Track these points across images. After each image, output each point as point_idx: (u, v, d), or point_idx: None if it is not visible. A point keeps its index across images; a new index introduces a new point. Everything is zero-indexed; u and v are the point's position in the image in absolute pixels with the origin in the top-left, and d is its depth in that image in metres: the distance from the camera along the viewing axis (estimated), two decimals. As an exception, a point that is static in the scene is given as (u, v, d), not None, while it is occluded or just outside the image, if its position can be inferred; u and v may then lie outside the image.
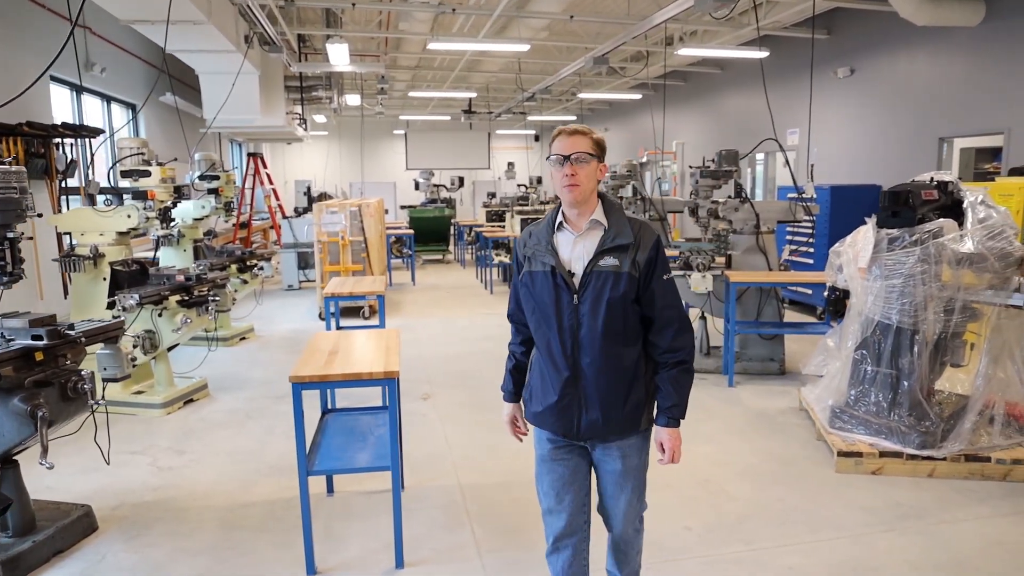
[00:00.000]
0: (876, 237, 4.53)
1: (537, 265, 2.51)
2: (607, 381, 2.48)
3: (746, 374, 6.81)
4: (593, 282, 2.43)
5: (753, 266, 6.84)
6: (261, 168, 14.89)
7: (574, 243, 2.50)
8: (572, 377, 2.49)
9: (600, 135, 2.52)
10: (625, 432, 2.56)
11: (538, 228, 2.59)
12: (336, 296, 6.04)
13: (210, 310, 6.19)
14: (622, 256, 2.44)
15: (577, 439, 2.59)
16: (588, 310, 2.44)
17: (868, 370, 4.68)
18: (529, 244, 2.56)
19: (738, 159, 6.84)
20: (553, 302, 2.47)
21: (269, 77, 11.24)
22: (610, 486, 2.63)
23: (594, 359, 2.46)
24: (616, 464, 2.59)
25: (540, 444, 2.68)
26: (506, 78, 15.29)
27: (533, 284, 2.52)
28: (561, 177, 2.43)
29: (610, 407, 2.49)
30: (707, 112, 14.82)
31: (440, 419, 5.80)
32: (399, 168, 24.15)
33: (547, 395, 2.55)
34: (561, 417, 2.53)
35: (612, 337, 2.45)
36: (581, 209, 2.49)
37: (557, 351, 2.49)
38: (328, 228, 10.14)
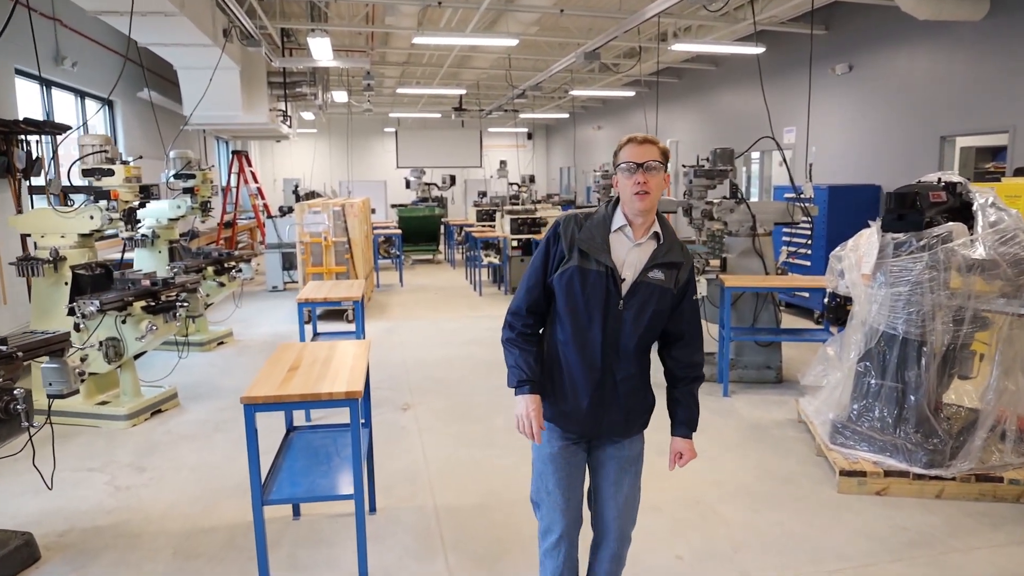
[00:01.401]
0: (881, 242, 4.24)
1: (592, 263, 2.46)
2: (633, 386, 2.58)
3: (741, 382, 6.52)
4: (641, 292, 2.46)
5: (749, 269, 6.55)
6: (246, 166, 14.56)
7: (630, 249, 2.50)
8: (604, 379, 2.52)
9: (666, 145, 2.52)
10: (637, 431, 2.69)
11: (591, 223, 2.53)
12: (310, 302, 5.73)
13: (178, 316, 5.88)
14: (669, 272, 2.49)
15: (593, 437, 2.64)
16: (632, 317, 2.47)
17: (872, 383, 4.39)
18: (580, 238, 2.49)
19: (733, 158, 6.55)
20: (601, 304, 2.46)
21: (251, 73, 10.91)
22: (613, 471, 2.66)
23: (626, 364, 2.53)
24: (621, 451, 2.65)
25: (550, 443, 2.65)
26: (497, 75, 14.97)
27: (584, 281, 2.47)
28: (632, 185, 2.42)
29: (632, 410, 2.60)
30: (702, 110, 14.53)
31: (419, 431, 5.50)
32: (390, 166, 23.82)
33: (576, 395, 2.55)
34: (588, 417, 2.56)
35: (644, 345, 2.56)
36: (646, 217, 2.49)
37: (595, 352, 2.50)
38: (310, 228, 9.84)
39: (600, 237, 2.49)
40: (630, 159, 2.43)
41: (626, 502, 2.69)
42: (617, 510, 2.69)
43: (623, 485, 2.67)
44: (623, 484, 2.67)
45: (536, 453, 2.71)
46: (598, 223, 2.52)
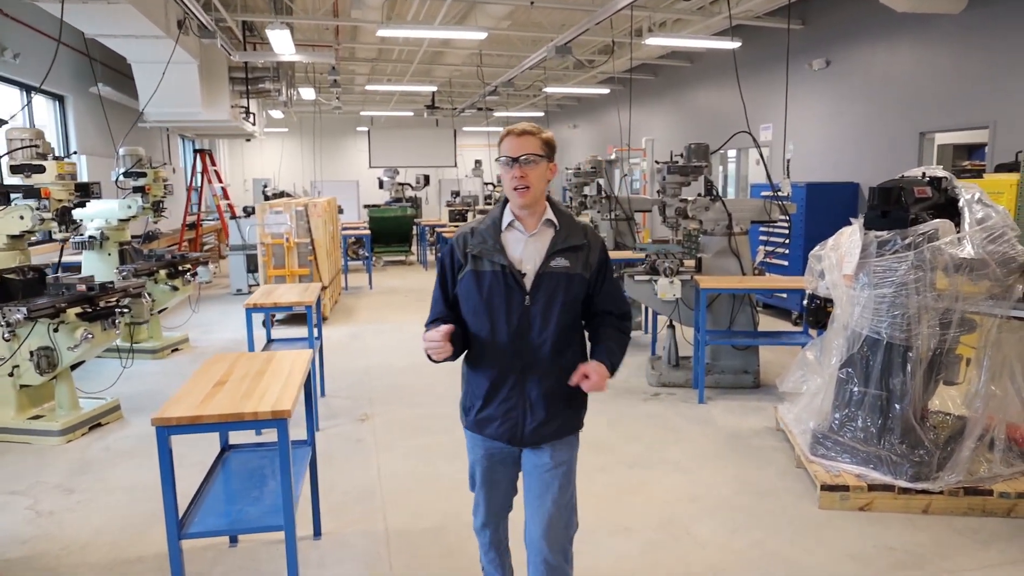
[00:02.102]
0: (863, 240, 3.97)
1: (485, 265, 2.41)
2: (554, 382, 2.46)
3: (718, 388, 6.24)
4: (546, 283, 2.40)
5: (725, 270, 6.28)
6: (209, 166, 14.09)
7: (525, 243, 2.45)
8: (519, 380, 2.45)
9: (549, 133, 2.46)
10: (566, 432, 2.55)
11: (482, 226, 2.49)
12: (260, 308, 5.36)
13: (117, 323, 5.48)
14: (574, 257, 2.43)
15: (520, 444, 2.52)
16: (540, 311, 2.40)
17: (855, 391, 4.12)
18: (472, 243, 2.46)
19: (708, 154, 6.28)
20: (504, 303, 2.40)
21: (211, 68, 10.48)
22: (536, 483, 2.54)
23: (542, 360, 2.43)
24: (544, 458, 2.52)
25: (473, 449, 2.63)
26: (470, 72, 14.64)
27: (480, 284, 2.42)
28: (510, 179, 2.37)
29: (555, 408, 2.48)
30: (678, 107, 14.31)
31: (377, 445, 5.15)
32: (362, 166, 23.37)
33: (491, 400, 2.49)
34: (506, 422, 2.48)
35: (561, 338, 2.44)
36: (532, 209, 2.44)
37: (504, 353, 2.43)
38: (272, 229, 9.44)
39: (492, 238, 2.44)
40: (508, 153, 2.38)
41: (550, 520, 2.50)
42: (541, 528, 2.51)
43: (546, 500, 2.51)
44: (546, 499, 2.51)
45: (469, 457, 2.68)
46: (489, 225, 2.48)
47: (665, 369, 6.48)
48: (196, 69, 9.65)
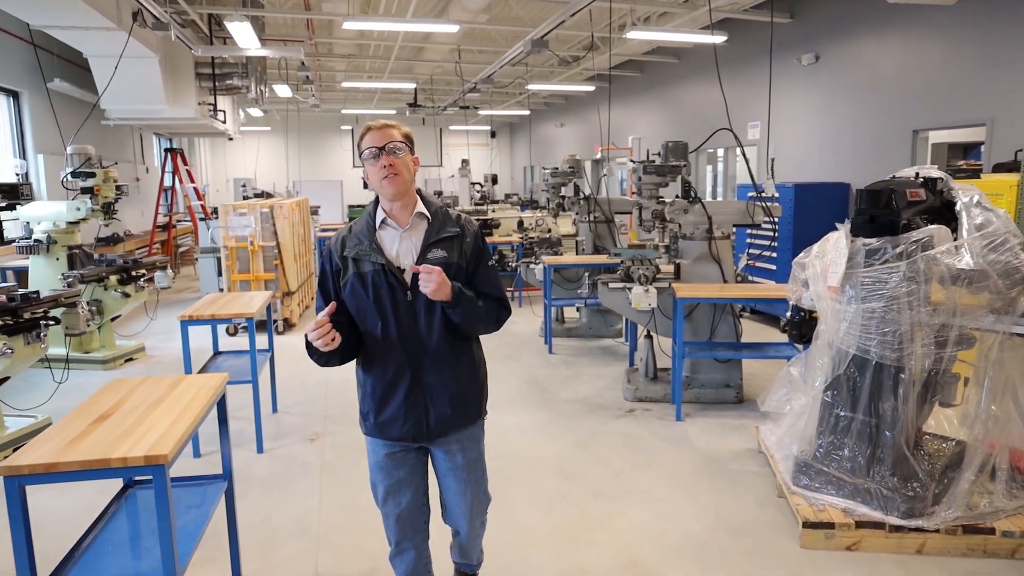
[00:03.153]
0: (850, 248, 3.56)
1: (366, 266, 2.42)
2: (451, 373, 2.50)
3: (698, 403, 5.83)
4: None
5: (705, 277, 5.86)
6: (181, 165, 13.63)
7: (400, 239, 2.47)
8: (415, 376, 2.47)
9: (408, 129, 2.50)
10: (471, 421, 2.59)
11: (357, 227, 2.49)
12: (195, 320, 4.92)
13: (43, 336, 5.04)
14: (449, 247, 2.46)
15: (427, 440, 2.55)
16: (423, 305, 2.42)
17: (841, 416, 3.70)
18: (349, 245, 2.46)
19: (687, 152, 5.86)
20: (388, 302, 2.42)
21: (175, 63, 10.02)
22: (454, 482, 2.62)
23: (435, 353, 2.46)
24: (457, 458, 2.59)
25: (374, 450, 2.62)
26: (452, 68, 14.16)
27: (364, 286, 2.42)
28: (379, 170, 2.38)
29: (456, 398, 2.51)
30: (664, 105, 13.89)
31: (322, 469, 4.72)
32: (346, 166, 22.92)
33: (390, 401, 2.49)
34: (408, 420, 2.49)
35: (450, 328, 2.45)
36: (403, 202, 2.46)
37: (397, 351, 2.45)
38: (236, 232, 9.00)
39: (367, 238, 2.45)
40: (372, 145, 2.39)
41: (471, 508, 2.70)
42: (464, 516, 2.70)
43: (467, 495, 2.65)
44: (467, 494, 2.65)
45: (369, 462, 2.66)
46: (362, 226, 2.48)
47: (642, 383, 6.07)
48: (157, 64, 9.19)
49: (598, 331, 8.28)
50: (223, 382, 3.22)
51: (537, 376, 6.83)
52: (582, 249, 8.45)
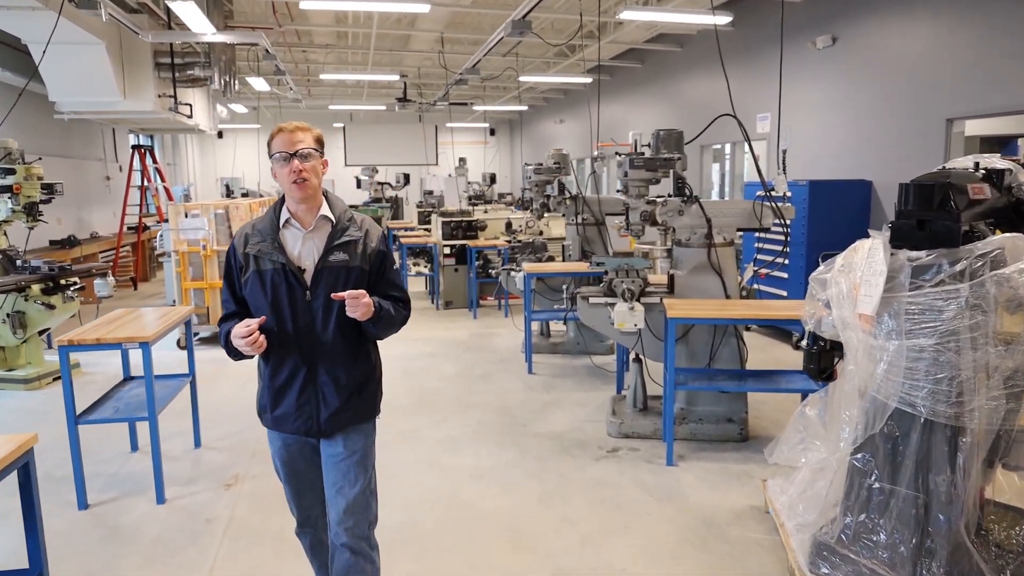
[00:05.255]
0: (891, 263, 2.63)
1: (266, 264, 2.45)
2: (345, 373, 2.53)
3: (694, 440, 4.91)
4: (325, 278, 2.45)
5: (704, 291, 4.94)
6: (150, 164, 12.80)
7: (303, 239, 2.50)
8: (309, 374, 2.50)
9: (319, 131, 2.54)
10: (361, 420, 2.61)
11: (261, 225, 2.52)
12: (75, 345, 4.04)
13: None
14: (352, 250, 2.49)
15: (318, 435, 2.56)
16: (321, 306, 2.46)
17: (876, 488, 2.77)
18: (252, 242, 2.49)
19: (682, 143, 4.94)
20: (286, 300, 2.45)
21: (130, 51, 9.14)
22: (333, 473, 2.58)
23: (330, 353, 2.50)
24: (339, 449, 2.57)
25: (272, 442, 2.66)
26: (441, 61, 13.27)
27: (263, 283, 2.46)
28: (288, 173, 2.41)
29: (349, 398, 2.54)
30: (667, 98, 12.94)
31: (227, 528, 3.84)
32: (338, 164, 22.06)
33: (284, 397, 2.52)
34: (300, 416, 2.52)
35: (346, 330, 2.49)
36: (309, 205, 2.49)
37: (293, 349, 2.48)
38: (188, 235, 8.14)
39: (269, 237, 2.47)
40: (283, 149, 2.41)
41: (348, 506, 2.56)
42: (339, 515, 2.57)
43: (344, 489, 2.57)
44: (344, 487, 2.57)
45: (270, 450, 2.69)
46: (266, 224, 2.51)
47: (629, 415, 5.15)
48: (104, 51, 8.33)
49: (587, 347, 7.35)
50: (20, 448, 2.33)
51: (509, 403, 5.91)
52: (568, 255, 7.53)
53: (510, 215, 10.99)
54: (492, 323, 9.19)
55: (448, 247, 10.10)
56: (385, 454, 3.26)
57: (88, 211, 12.44)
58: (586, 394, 6.09)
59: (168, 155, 18.53)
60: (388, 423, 5.30)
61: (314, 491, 2.67)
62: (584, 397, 6.00)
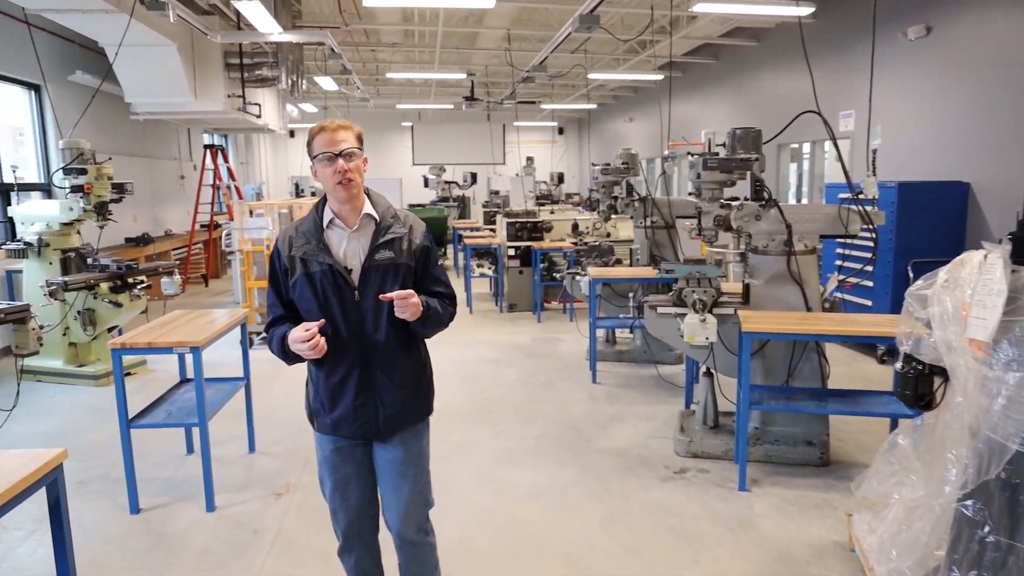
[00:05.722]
0: (1011, 282, 2.27)
1: (314, 266, 2.43)
2: (399, 372, 2.51)
3: (770, 463, 4.54)
4: (373, 277, 2.43)
5: (783, 302, 4.57)
6: (221, 163, 13.07)
7: (348, 239, 2.48)
8: (364, 375, 2.47)
9: (360, 129, 2.50)
10: (419, 419, 2.63)
11: (304, 226, 2.50)
12: (127, 348, 4.00)
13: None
14: (397, 248, 2.46)
15: (374, 437, 2.56)
16: (371, 305, 2.43)
17: (990, 542, 2.40)
18: (297, 245, 2.47)
19: (760, 142, 4.58)
20: (336, 301, 2.42)
21: (202, 53, 9.31)
22: (391, 476, 2.59)
23: (383, 352, 2.47)
24: (398, 452, 2.57)
25: (322, 445, 2.61)
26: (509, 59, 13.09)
27: (312, 286, 2.43)
28: (332, 174, 2.38)
29: (405, 397, 2.53)
30: (742, 95, 12.41)
31: (274, 540, 3.72)
32: (406, 163, 22.20)
33: (340, 401, 2.49)
34: (358, 419, 2.50)
35: (397, 329, 2.46)
36: (353, 204, 2.47)
37: (347, 351, 2.45)
38: (252, 235, 8.20)
39: (314, 238, 2.45)
40: (327, 148, 2.38)
41: (408, 507, 2.61)
42: (401, 517, 2.61)
43: (404, 491, 2.60)
44: (404, 490, 2.60)
45: (317, 457, 2.66)
46: (310, 226, 2.48)
47: (699, 433, 4.82)
48: (176, 52, 8.47)
49: (655, 356, 7.00)
50: (47, 466, 2.22)
51: (571, 414, 5.65)
52: (636, 259, 7.20)
53: (577, 216, 10.71)
54: (556, 328, 8.94)
55: (513, 248, 9.90)
56: (439, 466, 3.09)
57: (163, 209, 12.78)
58: (653, 407, 5.77)
59: (242, 154, 18.96)
60: (444, 432, 5.12)
61: (362, 501, 2.63)
62: (650, 411, 5.69)
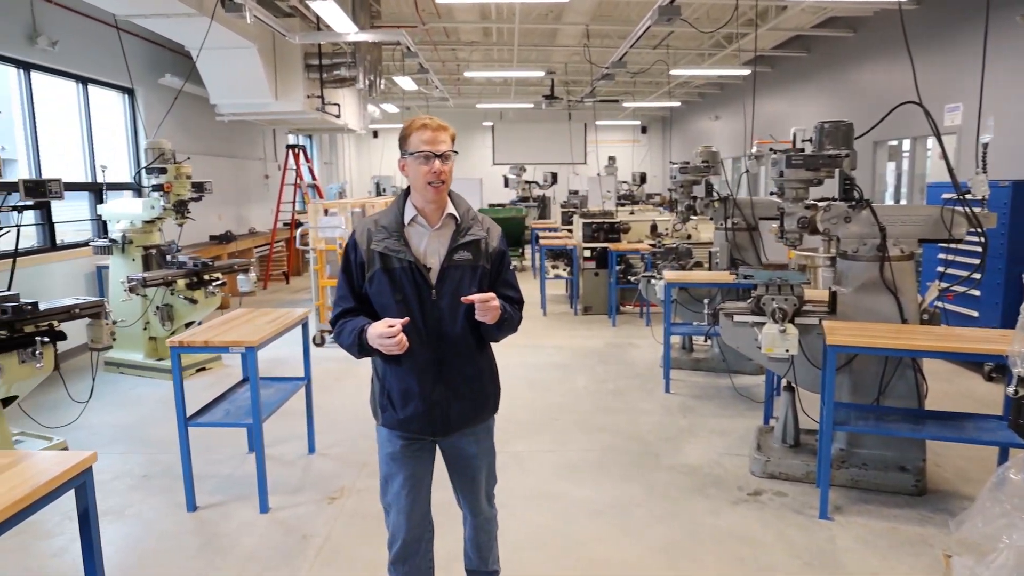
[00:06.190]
0: None
1: (394, 262, 2.43)
2: (473, 371, 2.55)
3: (856, 489, 4.14)
4: (451, 276, 2.45)
5: (875, 313, 4.15)
6: (303, 162, 13.34)
7: (428, 237, 2.48)
8: (437, 373, 2.48)
9: (454, 130, 2.51)
10: (487, 416, 2.67)
11: (385, 221, 2.49)
12: (185, 347, 4.00)
13: (39, 355, 4.34)
14: (475, 250, 2.49)
15: (445, 433, 2.58)
16: (448, 304, 2.44)
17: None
18: (377, 239, 2.45)
19: (851, 137, 4.17)
20: (414, 298, 2.43)
21: (282, 53, 9.47)
22: (467, 470, 2.67)
23: (456, 351, 2.49)
24: (472, 448, 2.64)
25: (390, 441, 2.58)
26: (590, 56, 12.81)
27: (392, 281, 2.43)
28: (427, 174, 2.39)
29: (475, 395, 2.57)
30: (837, 90, 11.67)
31: (321, 548, 3.62)
32: (486, 163, 22.20)
33: (411, 398, 2.48)
34: (429, 416, 2.50)
35: (472, 327, 2.48)
36: (437, 203, 2.48)
37: (421, 348, 2.43)
38: (326, 233, 8.25)
39: (395, 234, 2.45)
40: (428, 147, 2.38)
41: (484, 492, 2.74)
42: (474, 501, 2.73)
43: (479, 481, 2.69)
44: (479, 480, 2.69)
45: (380, 455, 2.64)
46: (391, 221, 2.48)
47: (777, 451, 4.46)
48: (256, 53, 8.62)
49: (734, 365, 6.60)
50: (75, 468, 2.15)
51: (641, 426, 5.36)
52: (716, 263, 6.82)
53: (657, 217, 10.34)
54: (631, 332, 8.62)
55: (588, 249, 9.64)
56: (500, 474, 2.93)
57: (247, 208, 13.15)
58: (728, 421, 5.41)
59: (326, 154, 19.38)
60: (504, 441, 4.92)
61: (426, 507, 2.65)
62: (726, 424, 5.33)
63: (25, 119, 7.42)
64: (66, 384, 5.42)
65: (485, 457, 2.70)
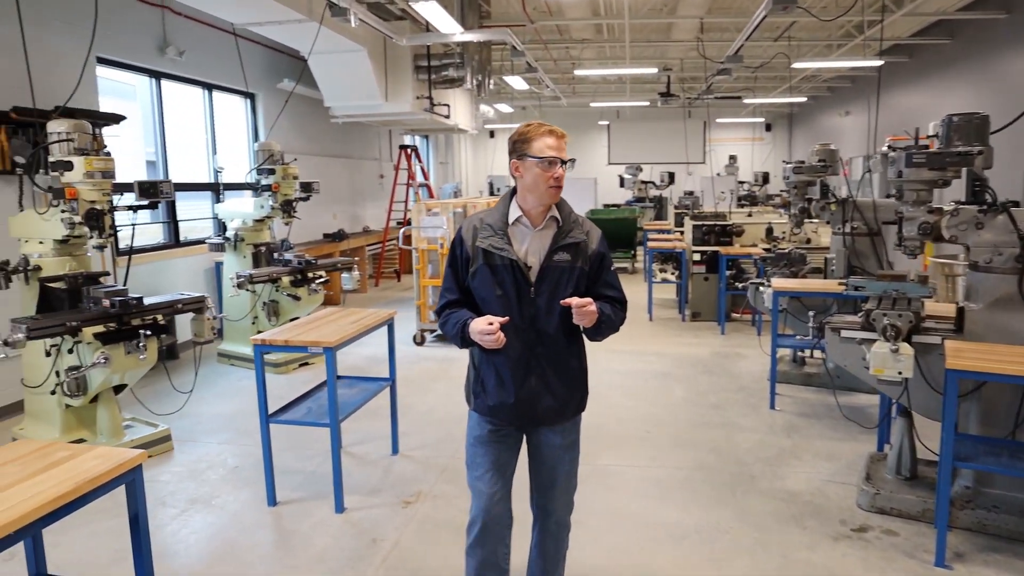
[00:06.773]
0: None
1: (496, 259, 2.52)
2: (564, 368, 2.62)
3: (983, 534, 3.63)
4: (550, 277, 2.53)
5: (1010, 333, 3.62)
6: (416, 162, 13.59)
7: (531, 237, 2.57)
8: (530, 368, 2.56)
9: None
10: (574, 413, 2.72)
11: (490, 219, 2.59)
12: (267, 345, 4.06)
13: (142, 347, 4.57)
14: (575, 252, 2.56)
15: (533, 426, 2.66)
16: (545, 303, 2.53)
17: None
18: (482, 236, 2.55)
19: (986, 131, 3.66)
20: (514, 295, 2.52)
21: (391, 55, 9.65)
22: (548, 459, 2.70)
23: (550, 349, 2.57)
24: (558, 439, 2.68)
25: (479, 425, 2.68)
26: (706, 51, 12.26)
27: (494, 277, 2.53)
28: (549, 178, 2.48)
29: (565, 393, 2.63)
30: (986, 80, 10.53)
31: (388, 555, 3.57)
32: (601, 163, 21.86)
33: (504, 389, 2.57)
34: (519, 409, 2.59)
35: (566, 327, 2.55)
36: (544, 206, 2.56)
37: (515, 343, 2.52)
38: (428, 233, 8.32)
39: (500, 232, 2.54)
40: (554, 154, 2.47)
41: (562, 490, 2.73)
42: (554, 499, 2.73)
43: (559, 474, 2.71)
44: (559, 472, 2.71)
45: (467, 439, 2.73)
46: (496, 220, 2.57)
47: (889, 483, 4.00)
48: (366, 56, 8.81)
49: (848, 382, 6.04)
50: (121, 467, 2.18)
51: (738, 444, 4.99)
52: (832, 270, 6.28)
53: (775, 220, 9.74)
54: (740, 341, 8.15)
55: (698, 253, 9.21)
56: (579, 492, 2.81)
57: (362, 207, 13.55)
58: (837, 444, 4.95)
59: (442, 154, 19.73)
60: (590, 455, 4.69)
61: (508, 490, 2.68)
62: (833, 448, 4.87)
63: (155, 123, 7.95)
64: (169, 375, 5.72)
65: (568, 451, 2.72)
